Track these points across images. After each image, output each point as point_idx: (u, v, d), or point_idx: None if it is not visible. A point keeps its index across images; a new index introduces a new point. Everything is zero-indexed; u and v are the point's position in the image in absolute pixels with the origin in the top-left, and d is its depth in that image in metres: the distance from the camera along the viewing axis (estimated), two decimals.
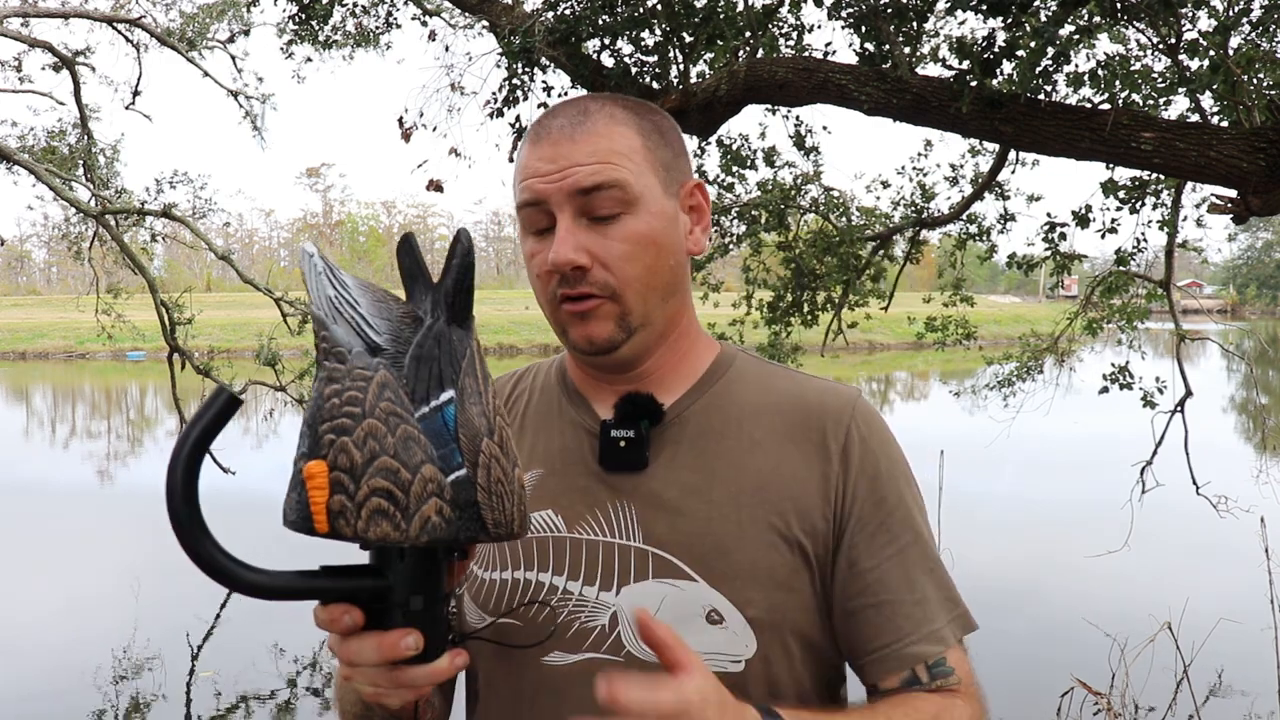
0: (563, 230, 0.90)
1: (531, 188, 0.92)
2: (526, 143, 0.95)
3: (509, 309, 39.94)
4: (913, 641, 0.92)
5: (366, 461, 0.65)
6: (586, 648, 0.92)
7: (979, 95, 3.75)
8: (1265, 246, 65.45)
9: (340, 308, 0.70)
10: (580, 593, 0.93)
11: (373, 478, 0.65)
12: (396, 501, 0.65)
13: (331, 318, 0.69)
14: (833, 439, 0.95)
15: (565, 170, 0.90)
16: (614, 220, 0.91)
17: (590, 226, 0.91)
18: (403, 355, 0.69)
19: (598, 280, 0.91)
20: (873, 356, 31.99)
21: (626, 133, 0.93)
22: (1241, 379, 18.78)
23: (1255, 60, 4.01)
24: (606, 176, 0.90)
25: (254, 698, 5.55)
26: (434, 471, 0.66)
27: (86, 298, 9.09)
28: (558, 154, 0.91)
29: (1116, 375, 6.59)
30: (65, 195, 7.07)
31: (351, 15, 6.80)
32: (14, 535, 9.19)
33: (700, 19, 4.56)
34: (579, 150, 0.91)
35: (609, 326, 0.93)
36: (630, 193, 0.91)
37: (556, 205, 0.91)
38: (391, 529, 0.65)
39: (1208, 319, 12.34)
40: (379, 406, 0.66)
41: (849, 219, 6.87)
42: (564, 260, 0.89)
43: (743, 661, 0.91)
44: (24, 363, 32.28)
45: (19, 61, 9.05)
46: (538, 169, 0.92)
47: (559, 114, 0.94)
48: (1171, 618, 4.44)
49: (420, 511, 0.65)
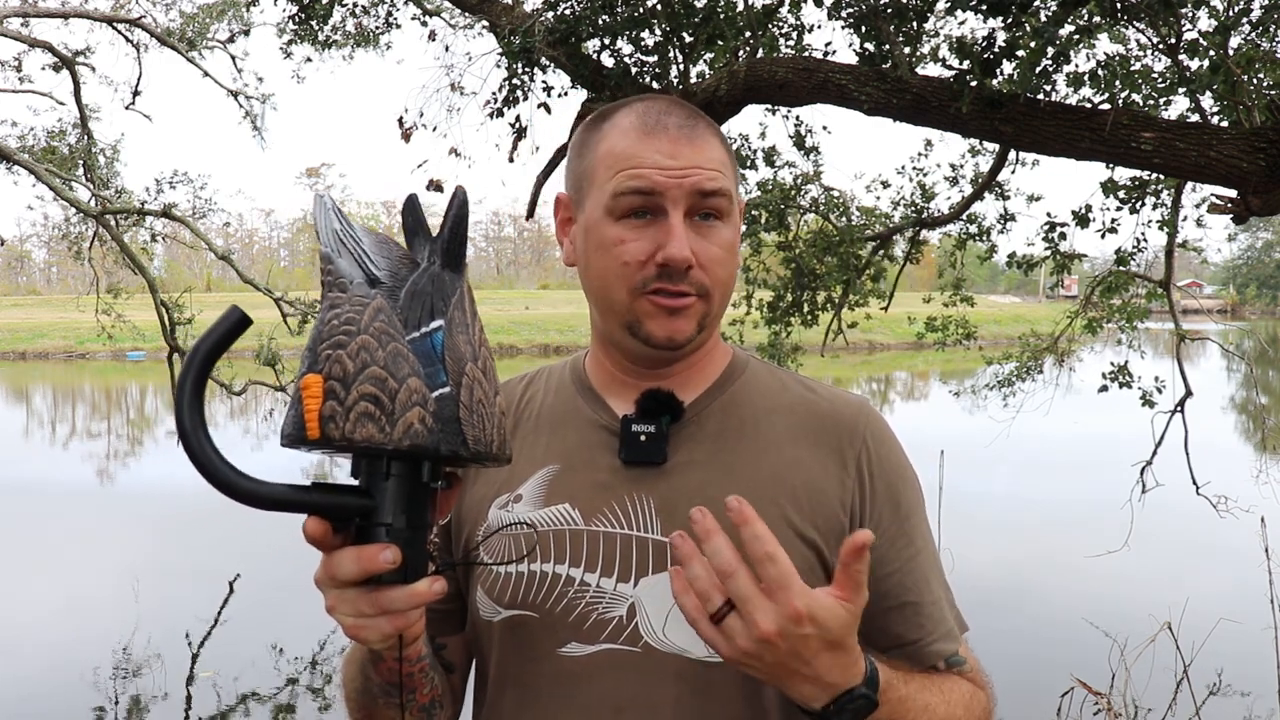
0: (679, 227, 0.93)
1: (649, 178, 0.93)
2: (632, 132, 0.95)
3: (509, 309, 39.95)
4: (934, 640, 0.98)
5: (357, 371, 0.70)
6: (604, 639, 0.93)
7: (979, 95, 3.75)
8: (1265, 246, 65.47)
9: (344, 241, 0.76)
10: (598, 584, 0.94)
11: (362, 384, 0.69)
12: (382, 406, 0.69)
13: (336, 251, 0.75)
14: (848, 447, 0.99)
15: (688, 169, 0.93)
16: (715, 225, 0.95)
17: (693, 227, 0.94)
18: (399, 290, 0.74)
19: (696, 280, 0.94)
20: (873, 356, 31.99)
21: (721, 147, 0.98)
22: (1241, 379, 18.78)
23: (1255, 60, 4.01)
24: (722, 184, 0.95)
25: (254, 698, 5.55)
26: (419, 384, 0.71)
27: (86, 298, 9.10)
28: (678, 151, 0.93)
29: (1116, 374, 6.59)
30: (65, 195, 7.07)
31: (351, 15, 6.80)
32: (14, 535, 9.19)
33: (700, 19, 4.57)
34: (700, 154, 0.94)
35: (692, 325, 0.96)
36: (730, 203, 0.96)
37: (672, 200, 0.93)
38: (376, 431, 0.69)
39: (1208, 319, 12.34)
40: (373, 326, 0.71)
41: (849, 219, 6.87)
42: (683, 257, 0.92)
43: None
44: (24, 363, 32.27)
45: (19, 61, 9.05)
46: (657, 161, 0.93)
47: (670, 111, 0.96)
48: (1171, 618, 4.44)
49: (404, 418, 0.70)
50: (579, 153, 1.00)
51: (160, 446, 15.11)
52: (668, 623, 0.92)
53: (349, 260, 0.75)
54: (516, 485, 1.01)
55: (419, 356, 0.72)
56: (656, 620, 0.93)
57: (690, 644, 0.92)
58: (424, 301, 0.74)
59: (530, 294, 54.94)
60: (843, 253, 6.58)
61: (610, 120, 0.98)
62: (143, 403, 23.26)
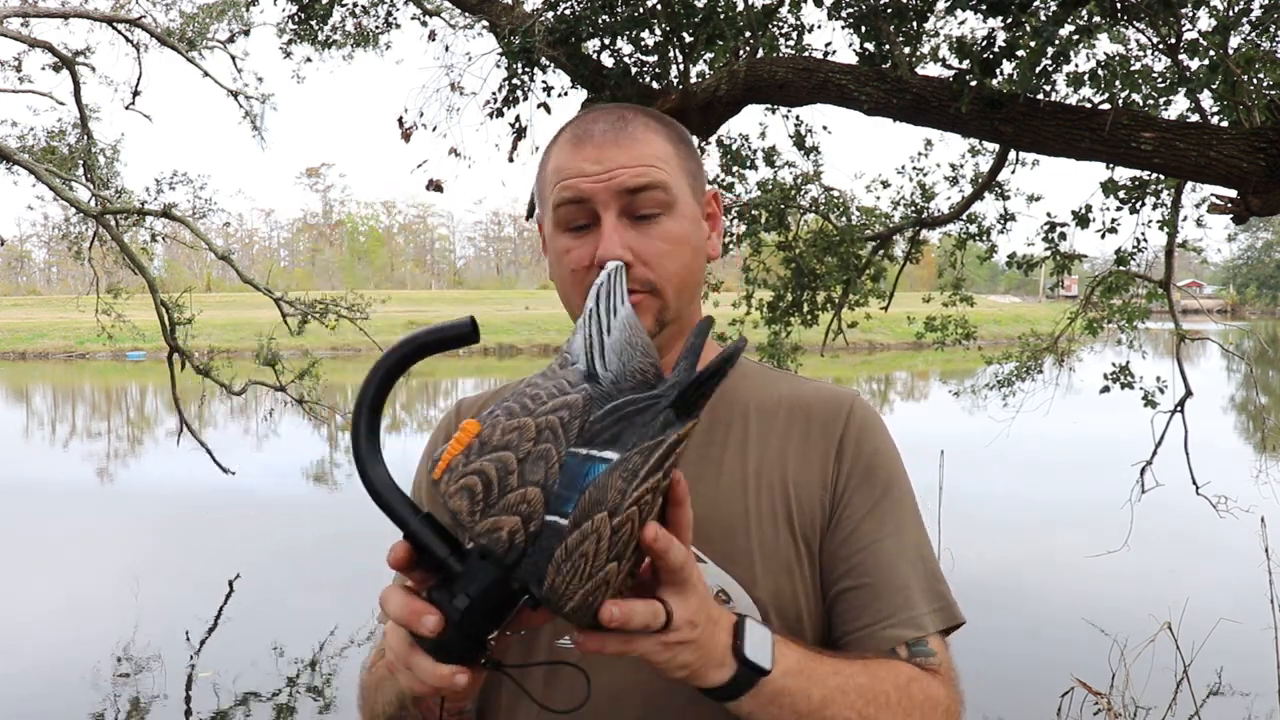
0: (609, 227, 0.94)
1: (576, 186, 0.95)
2: (565, 145, 0.99)
3: (509, 309, 39.95)
4: (891, 625, 0.95)
5: (499, 445, 0.66)
6: None
7: (979, 95, 3.75)
8: (1265, 246, 65.48)
9: (591, 321, 0.73)
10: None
11: (489, 457, 0.66)
12: (489, 492, 0.65)
13: (582, 325, 0.73)
14: (831, 434, 1.00)
15: (612, 171, 0.95)
16: (654, 220, 0.96)
17: (632, 225, 0.96)
18: (610, 400, 0.69)
19: (639, 277, 0.95)
20: (873, 356, 31.99)
21: (661, 140, 0.98)
22: (1241, 379, 18.79)
23: (1255, 60, 4.01)
24: (651, 178, 0.95)
25: (254, 698, 5.54)
26: (539, 498, 0.65)
27: (86, 298, 9.10)
28: (603, 156, 0.95)
29: (1117, 375, 6.59)
30: (65, 195, 7.07)
31: (351, 15, 6.80)
32: (14, 535, 9.19)
33: (700, 19, 4.57)
34: (624, 153, 0.95)
35: (648, 320, 0.97)
36: (670, 194, 0.96)
37: (602, 204, 0.95)
38: (467, 511, 0.66)
39: (1208, 319, 12.34)
40: (548, 416, 0.67)
41: (849, 219, 6.87)
42: (613, 255, 0.93)
43: None
44: (24, 363, 32.27)
45: (19, 61, 9.05)
46: (582, 169, 0.96)
47: (598, 119, 0.98)
48: (1171, 618, 4.44)
49: (499, 518, 0.65)
50: (537, 174, 1.04)
51: (160, 446, 15.10)
52: None
53: (583, 342, 0.72)
54: None
55: (566, 473, 0.66)
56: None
57: None
58: (619, 426, 0.68)
59: (530, 294, 54.94)
60: (843, 253, 6.58)
61: (555, 138, 1.01)
62: (143, 403, 23.26)
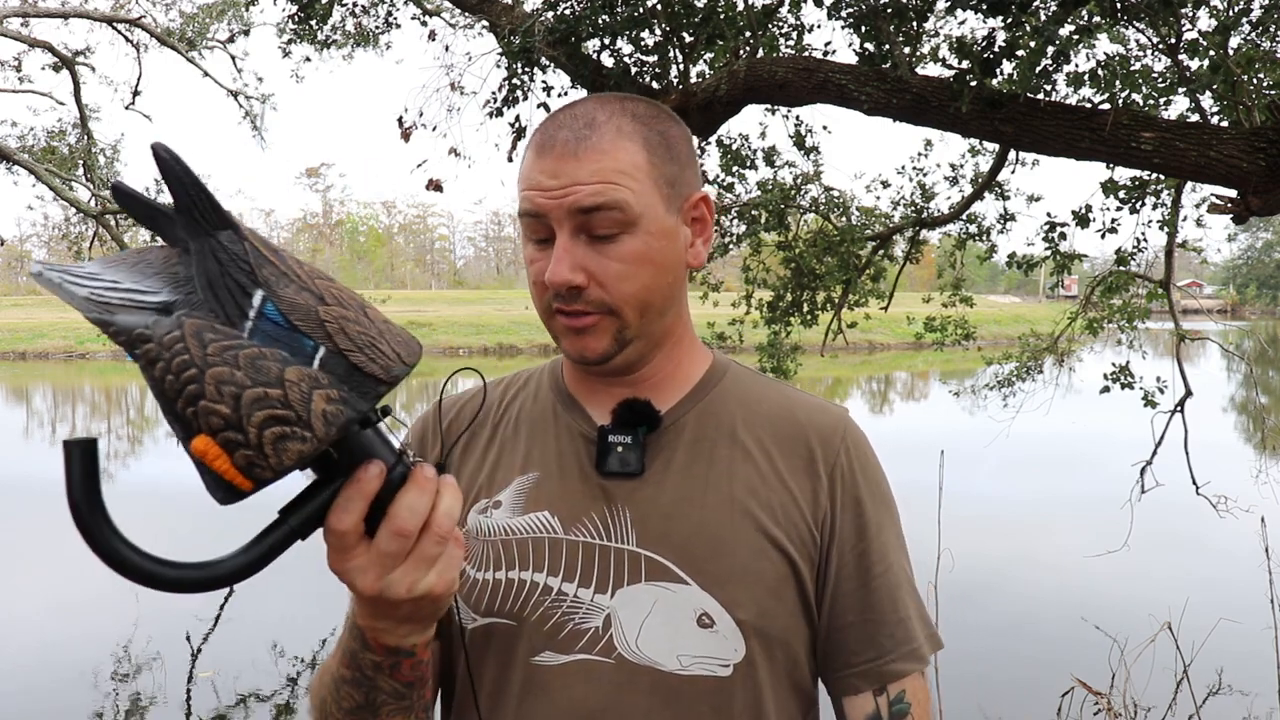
0: (560, 249, 0.90)
1: (531, 200, 0.92)
2: (530, 149, 0.94)
3: (509, 309, 39.94)
4: (895, 659, 0.96)
5: (235, 407, 0.61)
6: (579, 649, 0.93)
7: (979, 95, 3.75)
8: (1265, 246, 65.49)
9: (104, 299, 0.64)
10: (575, 594, 0.94)
11: (252, 415, 0.61)
12: (287, 420, 0.62)
13: (106, 313, 0.63)
14: (823, 460, 0.98)
15: (567, 188, 0.89)
16: (612, 239, 0.91)
17: (589, 244, 0.91)
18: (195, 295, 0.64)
19: (593, 299, 0.92)
20: (873, 356, 31.99)
21: (631, 148, 0.92)
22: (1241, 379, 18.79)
23: (1255, 60, 4.01)
24: (607, 197, 0.89)
25: (254, 698, 5.54)
26: (298, 370, 0.63)
27: None
28: (560, 169, 0.90)
29: (1118, 375, 6.59)
30: (65, 195, 7.07)
31: (351, 15, 6.80)
32: (14, 535, 9.19)
33: (700, 19, 4.57)
34: (582, 168, 0.89)
35: (605, 341, 0.94)
36: (630, 213, 0.90)
37: (556, 221, 0.91)
38: (300, 444, 0.62)
39: (1208, 319, 12.35)
40: (208, 353, 0.61)
41: (849, 219, 6.87)
42: (560, 280, 0.90)
43: (730, 666, 0.92)
44: (24, 363, 32.27)
45: (19, 61, 9.06)
46: (540, 182, 0.91)
47: (565, 124, 0.92)
48: (1171, 618, 4.43)
49: (313, 411, 0.62)
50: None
51: (160, 447, 15.10)
52: (641, 634, 0.92)
53: (124, 312, 0.63)
54: (496, 491, 1.00)
55: (272, 343, 0.63)
56: (630, 632, 0.92)
57: (662, 656, 0.91)
58: (225, 284, 0.63)
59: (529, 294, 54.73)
60: (843, 253, 6.58)
61: (531, 136, 0.97)
62: (143, 403, 23.26)
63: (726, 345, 6.84)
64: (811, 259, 6.62)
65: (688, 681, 0.91)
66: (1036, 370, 7.41)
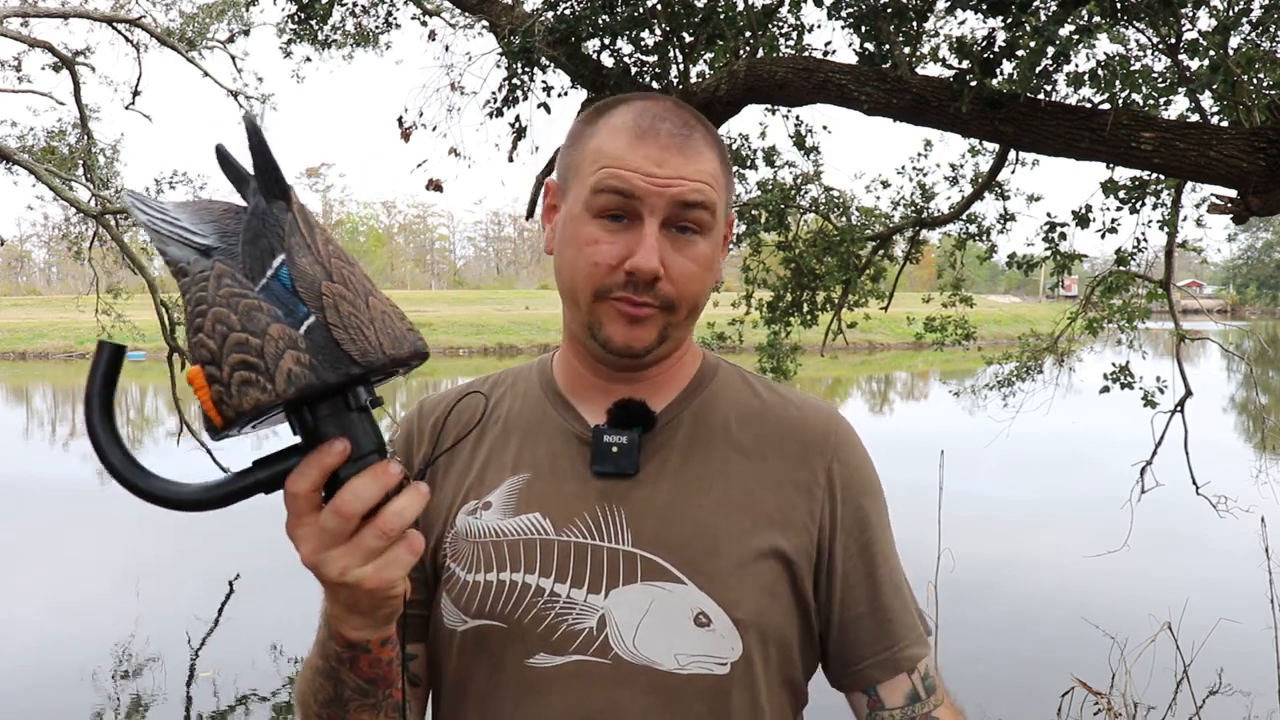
0: (651, 237, 0.91)
1: (630, 181, 0.91)
2: (623, 132, 0.93)
3: (509, 309, 39.97)
4: (908, 645, 0.99)
5: (220, 345, 0.68)
6: (573, 650, 0.92)
7: (979, 95, 3.75)
8: (1265, 246, 65.48)
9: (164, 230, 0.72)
10: (568, 595, 0.93)
11: (230, 355, 0.67)
12: (255, 367, 0.67)
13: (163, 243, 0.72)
14: (818, 458, 0.99)
15: (672, 179, 0.91)
16: (691, 239, 0.93)
17: (668, 238, 0.92)
18: (235, 246, 0.71)
19: (662, 293, 0.92)
20: (873, 356, 31.99)
21: (716, 159, 0.95)
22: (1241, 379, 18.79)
23: (1255, 60, 4.01)
24: (706, 197, 0.92)
25: (254, 698, 5.55)
26: (281, 329, 0.68)
27: (86, 298, 9.10)
28: (666, 159, 0.91)
29: (1117, 375, 6.60)
30: (65, 195, 7.07)
31: (351, 15, 6.80)
32: (14, 535, 9.19)
33: (700, 19, 4.57)
34: (688, 164, 0.92)
35: (654, 334, 0.94)
36: (713, 218, 0.94)
37: (650, 208, 0.91)
38: (259, 393, 0.67)
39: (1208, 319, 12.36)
40: (218, 294, 0.69)
41: (849, 219, 6.87)
42: (651, 269, 0.90)
43: (728, 664, 0.92)
44: (24, 363, 32.27)
45: (19, 61, 9.06)
46: (642, 166, 0.91)
47: (665, 116, 0.94)
48: (1171, 618, 4.43)
49: (280, 367, 0.67)
50: (572, 142, 0.98)
51: (160, 447, 15.10)
52: (638, 634, 0.92)
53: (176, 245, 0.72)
54: (486, 492, 0.99)
55: (273, 301, 0.69)
56: (627, 632, 0.92)
57: (660, 656, 0.91)
58: (259, 243, 0.71)
59: (530, 294, 54.93)
60: (843, 253, 6.58)
61: (606, 115, 0.96)
62: (143, 403, 23.26)
63: (726, 345, 6.84)
64: (811, 259, 6.62)
65: (686, 680, 0.91)
66: (1036, 370, 7.42)
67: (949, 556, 4.98)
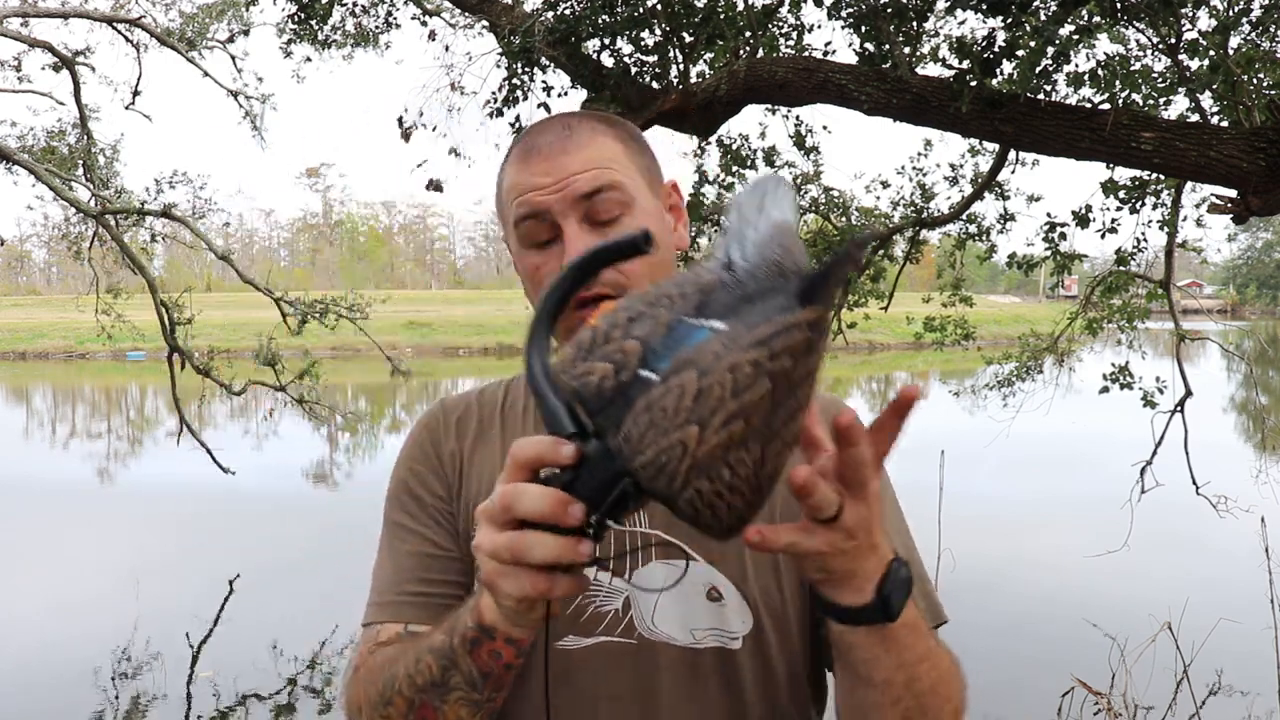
0: (572, 235, 0.94)
1: (530, 201, 0.95)
2: (513, 162, 0.99)
3: (509, 309, 39.93)
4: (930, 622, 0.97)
5: (619, 309, 0.67)
6: (600, 631, 0.95)
7: (979, 95, 3.75)
8: (1265, 246, 65.47)
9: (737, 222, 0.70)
10: (594, 577, 0.96)
11: (605, 319, 0.66)
12: (594, 343, 0.65)
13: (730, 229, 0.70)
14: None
15: (563, 180, 0.94)
16: (616, 222, 0.95)
17: (594, 231, 0.95)
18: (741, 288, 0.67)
19: (610, 280, 0.94)
20: (873, 356, 31.99)
21: (609, 141, 0.98)
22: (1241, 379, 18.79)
23: (1255, 60, 4.02)
24: (604, 180, 0.95)
25: (254, 698, 5.54)
26: (636, 350, 0.64)
27: (86, 298, 9.10)
28: (552, 166, 0.95)
29: (1117, 375, 6.60)
30: (65, 195, 7.07)
31: (351, 15, 6.80)
32: (14, 535, 9.19)
33: (700, 19, 4.57)
34: (573, 160, 0.95)
35: None
36: (627, 193, 0.96)
37: (560, 214, 0.94)
38: (574, 357, 0.66)
39: (1208, 319, 12.35)
40: (670, 287, 0.67)
41: (849, 219, 6.87)
42: None
43: (740, 638, 0.95)
44: (24, 363, 32.28)
45: (19, 61, 9.05)
46: (534, 183, 0.95)
47: (543, 131, 0.98)
48: (1171, 618, 4.43)
49: (595, 363, 0.64)
50: (496, 194, 1.03)
51: (160, 446, 15.10)
52: (656, 612, 0.95)
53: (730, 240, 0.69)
54: None
55: (670, 334, 0.64)
56: (647, 611, 0.95)
57: (677, 632, 0.94)
58: (733, 302, 0.65)
59: None
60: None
61: (506, 156, 1.01)
62: (143, 403, 23.27)
63: None
64: (811, 259, 6.61)
65: (701, 655, 0.94)
66: (1036, 370, 7.42)
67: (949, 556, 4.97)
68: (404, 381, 17.91)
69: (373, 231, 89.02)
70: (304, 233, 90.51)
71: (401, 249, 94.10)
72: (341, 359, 25.31)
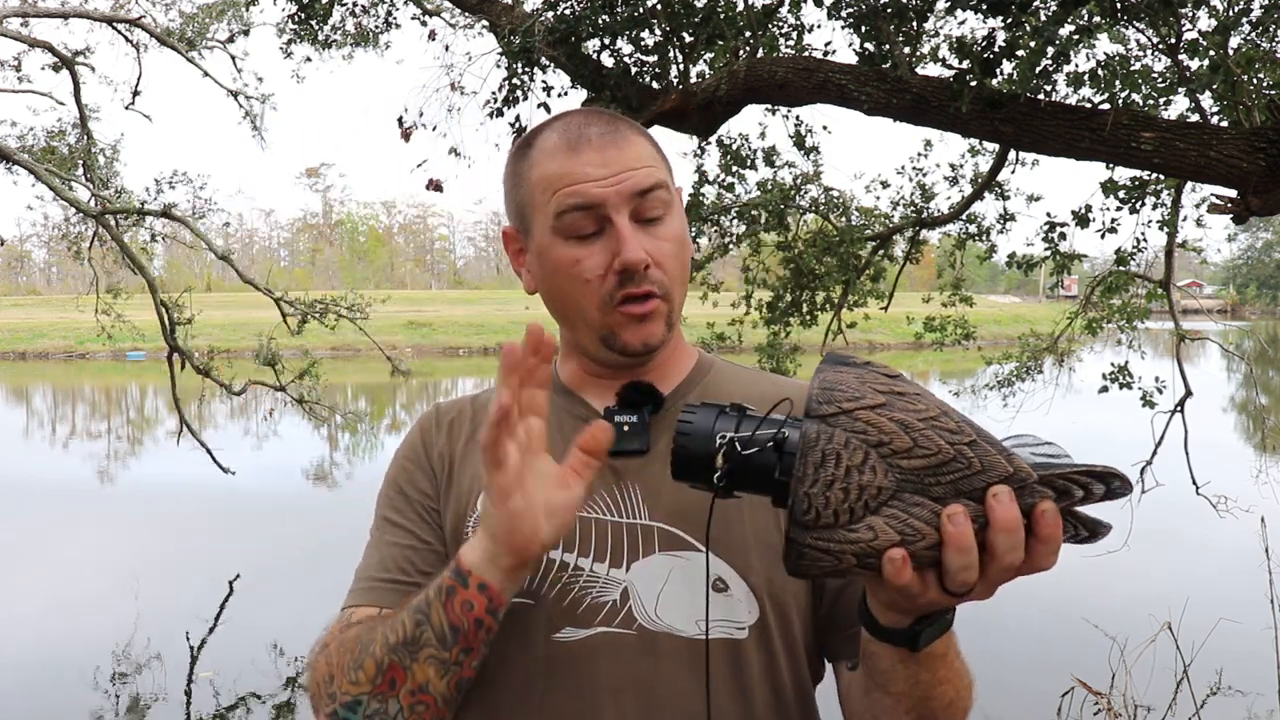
0: (627, 231, 0.94)
1: (584, 192, 0.94)
2: (557, 151, 0.97)
3: (509, 309, 39.94)
4: None
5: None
6: (599, 622, 0.95)
7: (979, 95, 3.75)
8: (1265, 246, 65.47)
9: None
10: (591, 569, 0.96)
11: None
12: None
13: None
14: None
15: (620, 174, 0.94)
16: (660, 221, 0.97)
17: (640, 229, 0.96)
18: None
19: (656, 279, 0.96)
20: (872, 356, 31.92)
21: (646, 142, 1.00)
22: (1241, 379, 18.78)
23: (1255, 60, 4.01)
24: (656, 178, 0.96)
25: (254, 698, 5.55)
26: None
27: (86, 298, 9.09)
28: (607, 159, 0.95)
29: (1116, 375, 6.59)
30: (65, 195, 7.06)
31: (351, 15, 6.80)
32: (14, 535, 9.19)
33: (700, 19, 4.56)
34: (626, 155, 0.96)
35: (661, 327, 0.99)
36: (670, 195, 0.98)
37: (614, 208, 0.94)
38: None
39: (1208, 319, 12.35)
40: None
41: (849, 219, 6.87)
42: (639, 259, 0.94)
43: (746, 628, 0.96)
44: (24, 363, 32.26)
45: (19, 61, 9.05)
46: (588, 174, 0.94)
47: (589, 122, 0.97)
48: (1171, 618, 4.43)
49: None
50: (514, 184, 1.02)
51: (160, 447, 15.10)
52: (659, 603, 0.95)
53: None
54: None
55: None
56: (648, 602, 0.95)
57: (681, 623, 0.95)
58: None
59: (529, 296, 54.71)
60: (842, 253, 6.57)
61: (535, 145, 0.99)
62: (143, 403, 23.26)
63: (726, 346, 6.83)
64: (811, 259, 6.61)
65: (704, 645, 0.94)
66: (1036, 370, 7.41)
67: None
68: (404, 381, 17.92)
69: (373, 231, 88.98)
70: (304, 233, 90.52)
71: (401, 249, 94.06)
72: (341, 359, 25.30)
